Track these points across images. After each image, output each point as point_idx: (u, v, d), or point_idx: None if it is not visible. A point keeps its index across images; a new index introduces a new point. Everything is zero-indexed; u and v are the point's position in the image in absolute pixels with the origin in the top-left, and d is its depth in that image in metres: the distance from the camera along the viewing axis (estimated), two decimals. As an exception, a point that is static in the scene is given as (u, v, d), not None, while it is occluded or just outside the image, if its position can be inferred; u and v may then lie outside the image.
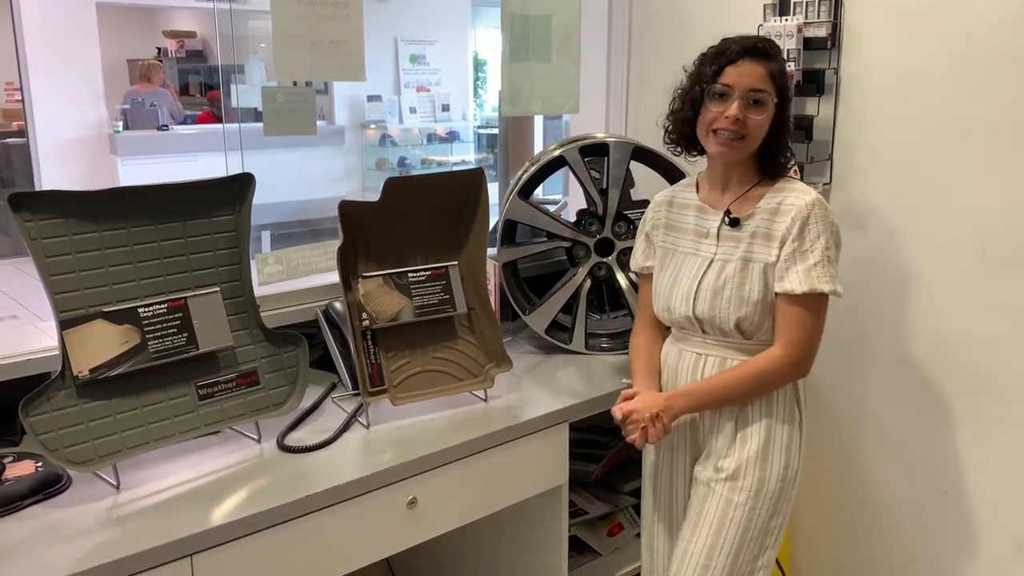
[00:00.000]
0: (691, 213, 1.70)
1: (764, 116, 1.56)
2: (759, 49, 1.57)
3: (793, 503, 1.67)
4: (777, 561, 2.21)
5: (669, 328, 1.75)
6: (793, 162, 1.67)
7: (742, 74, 1.55)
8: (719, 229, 1.64)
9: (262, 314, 1.69)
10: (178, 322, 1.54)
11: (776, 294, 1.58)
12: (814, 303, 1.57)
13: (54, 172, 6.77)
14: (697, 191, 1.72)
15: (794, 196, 1.59)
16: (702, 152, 1.67)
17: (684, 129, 1.65)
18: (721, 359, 1.64)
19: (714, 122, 1.57)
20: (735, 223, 1.62)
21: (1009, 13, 1.72)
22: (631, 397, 1.63)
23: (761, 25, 2.04)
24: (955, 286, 1.87)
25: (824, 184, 2.05)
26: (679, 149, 1.71)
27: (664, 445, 1.73)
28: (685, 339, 1.70)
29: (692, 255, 1.67)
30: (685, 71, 1.65)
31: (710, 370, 1.64)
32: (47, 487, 1.42)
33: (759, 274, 1.58)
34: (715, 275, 1.62)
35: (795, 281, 1.55)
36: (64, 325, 1.43)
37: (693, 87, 1.61)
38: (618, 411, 1.61)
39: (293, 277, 1.97)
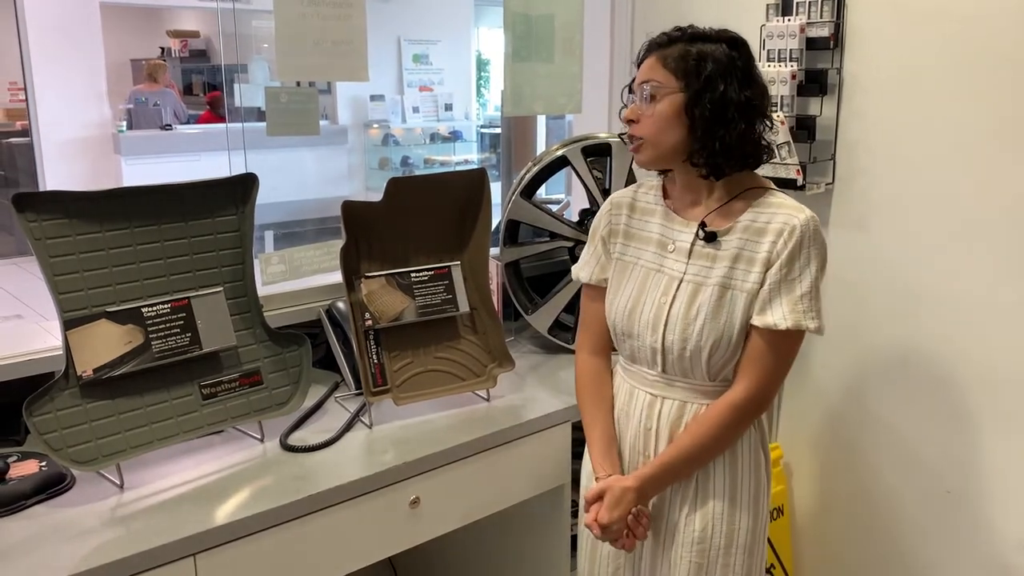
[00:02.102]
0: (655, 221, 1.50)
1: (656, 110, 1.38)
2: (658, 42, 1.43)
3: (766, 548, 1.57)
4: (780, 561, 2.21)
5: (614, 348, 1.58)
6: (767, 157, 1.46)
7: (640, 73, 1.42)
8: (692, 245, 1.44)
9: (265, 314, 1.69)
10: (181, 322, 1.54)
11: (752, 326, 1.39)
12: (793, 340, 1.40)
13: (58, 172, 6.79)
14: (665, 196, 1.52)
15: (784, 214, 1.39)
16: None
17: None
18: (680, 403, 1.45)
19: None
20: (711, 238, 1.42)
21: (1012, 12, 1.71)
22: (599, 496, 1.42)
23: (764, 25, 2.04)
24: (959, 286, 1.86)
25: (827, 184, 2.05)
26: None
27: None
28: (639, 375, 1.50)
29: (656, 272, 1.47)
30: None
31: (667, 414, 1.46)
32: (51, 486, 1.43)
33: (741, 305, 1.39)
34: (686, 301, 1.42)
35: (779, 315, 1.36)
36: (68, 325, 1.44)
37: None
38: (595, 527, 1.41)
39: (296, 277, 1.98)
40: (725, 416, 1.41)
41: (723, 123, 1.37)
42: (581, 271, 1.60)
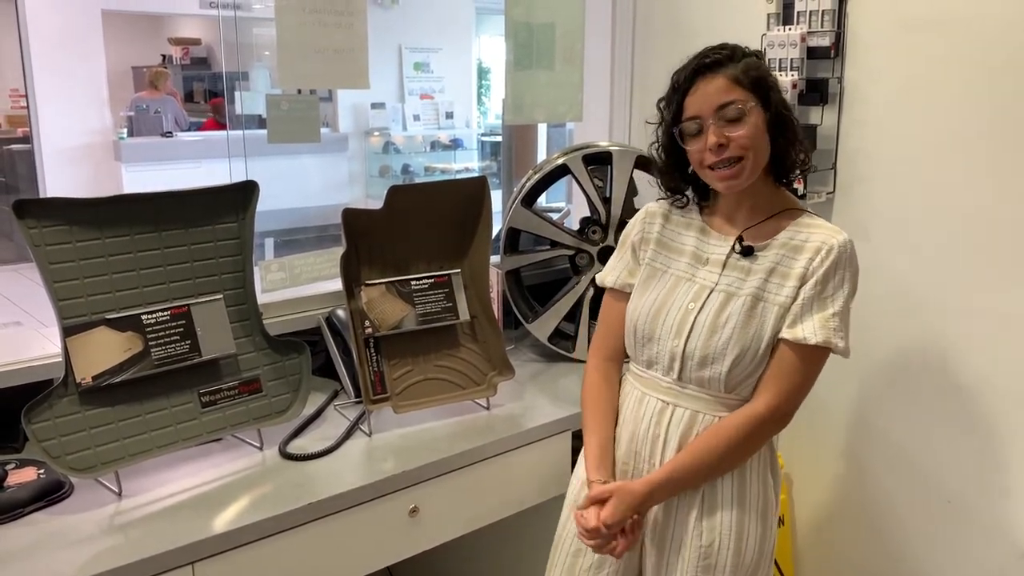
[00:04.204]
0: (691, 234, 1.51)
1: (748, 127, 1.36)
2: (708, 63, 1.38)
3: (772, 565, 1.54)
4: (780, 572, 2.21)
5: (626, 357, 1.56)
6: (811, 164, 1.48)
7: (702, 98, 1.37)
8: (727, 257, 1.44)
9: (265, 321, 1.69)
10: (181, 329, 1.54)
11: (781, 339, 1.39)
12: (819, 357, 1.39)
13: (58, 178, 6.80)
14: (701, 211, 1.53)
15: (822, 234, 1.40)
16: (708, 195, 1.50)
17: (676, 182, 1.50)
18: (692, 412, 1.43)
19: (703, 159, 1.39)
20: (748, 252, 1.43)
21: (1012, 21, 1.72)
22: (603, 500, 1.40)
23: (764, 34, 2.05)
24: (959, 295, 1.86)
25: (828, 193, 2.05)
26: (684, 200, 1.52)
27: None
28: (652, 381, 1.48)
29: (687, 280, 1.47)
30: (649, 123, 1.50)
31: (676, 424, 1.43)
32: (49, 494, 1.42)
33: (772, 317, 1.39)
34: (716, 309, 1.41)
35: (810, 329, 1.36)
36: (67, 332, 1.43)
37: (663, 136, 1.46)
38: (594, 518, 1.38)
39: (296, 284, 1.98)
40: (743, 428, 1.39)
41: (787, 130, 1.41)
42: (607, 276, 1.60)
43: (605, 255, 2.10)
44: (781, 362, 1.39)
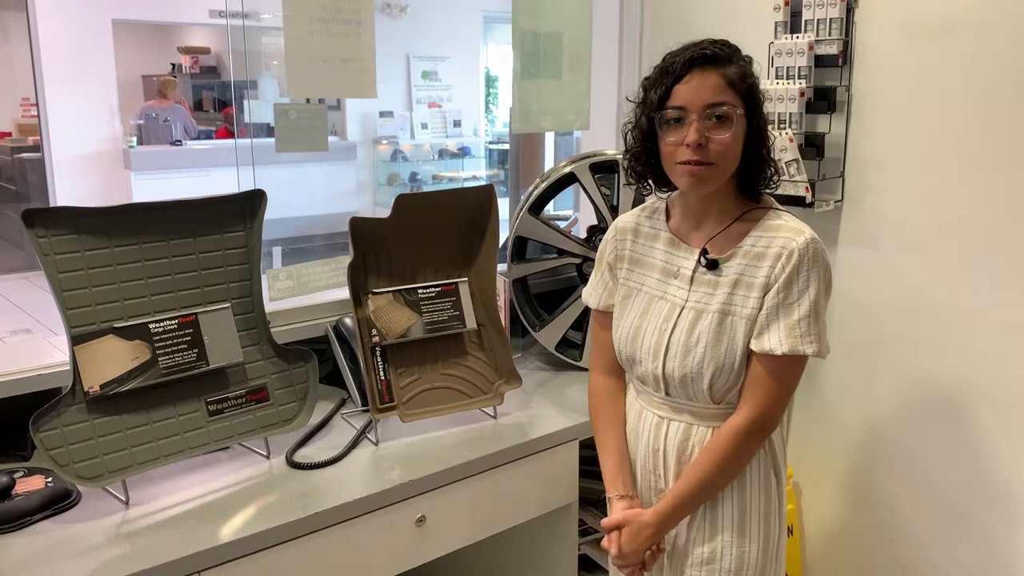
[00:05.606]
0: (659, 247, 1.49)
1: (731, 133, 1.33)
2: (708, 56, 1.34)
3: (783, 570, 1.54)
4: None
5: None
6: (778, 177, 1.45)
7: (694, 90, 1.32)
8: (694, 272, 1.43)
9: (272, 330, 1.69)
10: (188, 338, 1.54)
11: (751, 351, 1.38)
12: (793, 364, 1.37)
13: (68, 187, 6.85)
14: (667, 218, 1.51)
15: (783, 237, 1.36)
16: (674, 187, 1.45)
17: (643, 168, 1.44)
18: (686, 425, 1.44)
19: (675, 153, 1.35)
20: (713, 265, 1.40)
21: (1020, 27, 1.71)
22: (617, 527, 1.45)
23: (772, 42, 2.04)
24: (968, 302, 1.85)
25: (836, 201, 2.04)
26: (647, 188, 1.48)
27: None
28: (647, 396, 1.50)
29: (659, 299, 1.46)
30: (629, 100, 1.46)
31: (673, 435, 1.45)
32: (57, 502, 1.43)
33: (741, 331, 1.37)
34: (687, 328, 1.40)
35: (775, 340, 1.35)
36: (75, 340, 1.44)
37: (641, 118, 1.40)
38: (614, 547, 1.45)
39: (304, 293, 1.98)
40: (730, 443, 1.39)
41: (762, 147, 1.39)
42: (589, 297, 1.61)
43: (612, 263, 2.10)
44: (755, 374, 1.38)
